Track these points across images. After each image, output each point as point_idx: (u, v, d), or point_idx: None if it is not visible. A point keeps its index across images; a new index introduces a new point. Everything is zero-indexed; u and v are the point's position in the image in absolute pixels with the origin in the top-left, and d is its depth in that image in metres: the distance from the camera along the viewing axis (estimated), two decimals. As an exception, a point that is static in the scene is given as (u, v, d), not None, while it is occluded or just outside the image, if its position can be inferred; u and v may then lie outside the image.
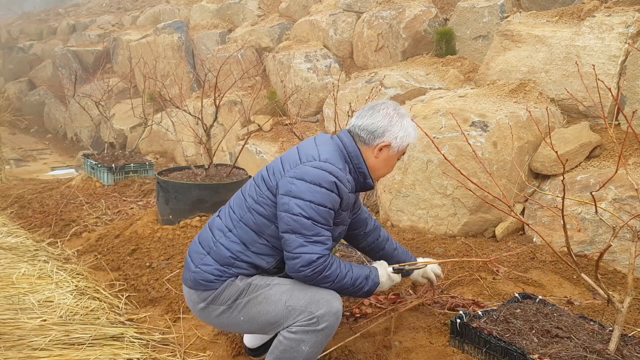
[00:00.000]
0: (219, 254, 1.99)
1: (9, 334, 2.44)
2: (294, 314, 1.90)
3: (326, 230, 1.89)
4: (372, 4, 6.24)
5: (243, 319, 1.97)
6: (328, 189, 1.87)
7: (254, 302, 1.95)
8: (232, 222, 2.03)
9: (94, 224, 4.32)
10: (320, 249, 1.86)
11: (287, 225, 1.87)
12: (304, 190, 1.86)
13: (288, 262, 1.90)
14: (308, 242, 1.85)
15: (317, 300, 1.90)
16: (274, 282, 1.97)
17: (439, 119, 3.63)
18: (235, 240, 1.99)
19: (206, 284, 1.98)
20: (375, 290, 2.02)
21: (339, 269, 1.92)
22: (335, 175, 1.89)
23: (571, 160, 3.41)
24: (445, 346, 2.23)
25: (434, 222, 3.58)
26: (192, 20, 9.19)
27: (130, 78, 8.29)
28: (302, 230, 1.85)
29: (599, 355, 1.90)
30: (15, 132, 10.19)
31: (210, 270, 1.98)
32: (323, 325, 1.88)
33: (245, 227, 1.99)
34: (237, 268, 1.98)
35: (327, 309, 1.89)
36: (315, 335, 1.89)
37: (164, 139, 7.04)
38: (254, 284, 1.97)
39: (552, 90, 3.98)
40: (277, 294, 1.94)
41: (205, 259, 2.01)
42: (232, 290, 1.96)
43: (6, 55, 12.80)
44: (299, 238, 1.86)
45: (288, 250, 1.89)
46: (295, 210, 1.85)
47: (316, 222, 1.86)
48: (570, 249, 1.94)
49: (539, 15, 4.47)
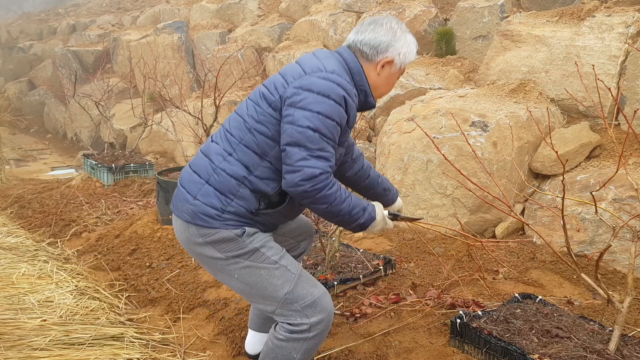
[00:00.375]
0: (220, 181, 1.83)
1: (9, 334, 2.44)
2: (288, 308, 1.83)
3: (331, 147, 1.76)
4: (372, 4, 6.24)
5: (237, 278, 1.86)
6: (337, 102, 1.75)
7: (255, 272, 1.84)
8: (232, 145, 1.86)
9: (94, 224, 4.32)
10: (324, 164, 1.73)
11: (291, 137, 1.73)
12: (311, 101, 1.73)
13: (287, 176, 1.74)
14: (311, 155, 1.72)
15: (316, 303, 1.84)
16: (282, 262, 1.86)
17: (439, 119, 3.63)
18: (238, 164, 1.83)
19: (206, 220, 1.82)
20: (369, 226, 1.90)
21: (339, 192, 1.79)
22: (344, 88, 1.77)
23: (571, 160, 3.41)
24: (445, 346, 2.24)
25: (434, 222, 3.58)
26: (192, 20, 9.19)
27: (130, 78, 8.29)
28: (307, 143, 1.71)
29: (599, 355, 1.90)
30: (15, 132, 10.19)
31: (211, 203, 1.82)
32: (314, 333, 1.83)
33: (247, 150, 1.83)
34: (239, 199, 1.83)
35: (322, 316, 1.83)
36: (307, 343, 1.84)
37: (164, 139, 7.04)
38: (262, 253, 1.85)
39: (552, 90, 3.98)
40: (282, 279, 1.83)
41: (205, 189, 1.85)
42: (235, 245, 1.83)
43: (6, 55, 12.81)
44: (303, 151, 1.72)
45: (288, 163, 1.74)
46: (301, 122, 1.72)
47: (323, 135, 1.72)
48: (570, 249, 1.94)
49: (539, 15, 4.47)
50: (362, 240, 3.51)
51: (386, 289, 2.76)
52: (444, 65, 5.06)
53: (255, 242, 1.85)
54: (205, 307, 2.85)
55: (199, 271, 3.24)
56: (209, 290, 3.00)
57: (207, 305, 2.85)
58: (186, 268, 3.31)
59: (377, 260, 2.95)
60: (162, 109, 6.68)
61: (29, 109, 10.82)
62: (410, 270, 2.99)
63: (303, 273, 1.89)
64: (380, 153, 4.00)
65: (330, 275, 2.77)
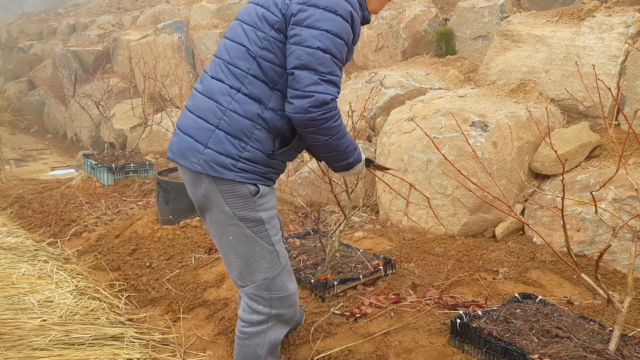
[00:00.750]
0: (232, 124, 1.70)
1: (9, 334, 2.44)
2: (258, 292, 1.81)
3: (340, 69, 1.67)
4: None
5: (230, 240, 1.79)
6: (344, 18, 1.64)
7: (249, 243, 1.78)
8: (239, 78, 1.71)
9: (94, 224, 4.32)
10: (334, 90, 1.65)
11: (299, 59, 1.62)
12: (318, 18, 1.61)
13: (295, 102, 1.64)
14: (323, 80, 1.62)
15: (286, 298, 1.84)
16: (277, 248, 1.82)
17: (439, 119, 3.63)
18: (248, 101, 1.70)
19: (220, 170, 1.71)
20: (353, 167, 1.88)
21: (342, 125, 1.72)
22: (350, 3, 1.67)
23: (571, 160, 3.41)
24: (445, 346, 2.23)
25: (434, 222, 3.58)
26: (192, 20, 9.19)
27: (130, 78, 8.29)
28: (318, 65, 1.61)
29: (599, 355, 1.90)
30: (15, 132, 10.19)
31: (225, 151, 1.71)
32: (272, 324, 1.84)
33: (256, 81, 1.71)
34: (255, 142, 1.72)
35: (284, 312, 1.85)
36: (267, 337, 1.85)
37: (164, 139, 7.04)
38: (265, 228, 1.79)
39: (552, 90, 3.98)
40: (269, 263, 1.80)
41: (215, 135, 1.71)
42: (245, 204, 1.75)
43: (6, 55, 12.81)
44: (313, 75, 1.61)
45: (297, 88, 1.62)
46: (311, 43, 1.61)
47: (333, 56, 1.63)
48: (570, 249, 1.94)
49: (539, 15, 4.47)
50: (362, 240, 3.51)
51: (386, 289, 2.76)
52: (444, 65, 5.06)
53: (263, 211, 1.79)
54: (205, 307, 2.85)
55: (199, 271, 3.24)
56: (209, 290, 3.00)
57: (207, 305, 2.85)
58: (186, 268, 3.31)
59: (377, 260, 2.95)
60: (162, 109, 6.68)
61: (29, 109, 10.82)
62: (410, 270, 2.99)
63: (287, 265, 1.88)
64: (380, 153, 4.00)
65: (330, 275, 2.77)
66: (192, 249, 3.55)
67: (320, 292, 2.71)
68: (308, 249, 3.11)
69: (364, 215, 4.14)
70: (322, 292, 2.69)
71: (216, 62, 1.80)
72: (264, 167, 1.77)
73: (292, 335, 2.42)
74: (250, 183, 1.74)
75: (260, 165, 1.76)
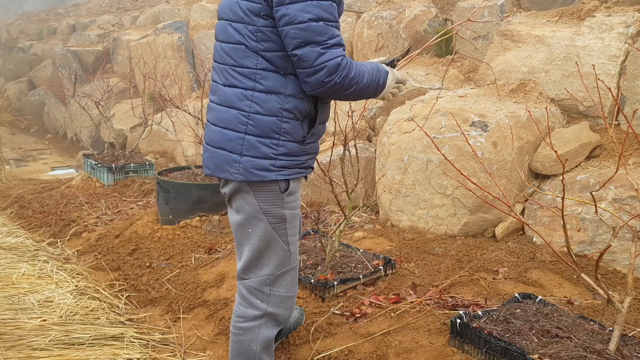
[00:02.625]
0: (260, 127, 1.72)
1: (9, 334, 2.44)
2: (259, 287, 1.84)
3: (337, 30, 1.66)
4: (372, 4, 6.24)
5: (250, 232, 1.81)
6: None
7: (266, 238, 1.80)
8: (250, 77, 1.72)
9: (94, 224, 4.32)
10: (339, 50, 1.65)
11: (296, 38, 1.62)
12: None
13: (309, 80, 1.65)
14: (326, 48, 1.62)
15: (285, 300, 1.86)
16: (291, 248, 1.85)
17: (439, 119, 3.63)
18: (267, 98, 1.71)
19: (260, 174, 1.73)
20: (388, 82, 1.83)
21: (357, 67, 1.71)
22: None
23: (571, 160, 3.41)
24: (445, 346, 2.23)
25: (434, 222, 3.58)
26: (192, 20, 9.19)
27: (130, 78, 8.29)
28: (316, 37, 1.61)
29: (599, 355, 1.90)
30: (15, 132, 10.19)
31: (262, 154, 1.72)
32: (265, 321, 1.86)
33: (267, 73, 1.71)
34: (286, 135, 1.73)
35: (280, 312, 1.87)
36: (261, 333, 1.86)
37: (164, 139, 7.04)
38: (285, 227, 1.81)
39: (552, 90, 3.98)
40: (279, 261, 1.83)
41: (247, 141, 1.72)
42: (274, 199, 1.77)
43: (6, 55, 12.80)
44: (315, 47, 1.61)
45: (307, 66, 1.63)
46: (301, 18, 1.60)
47: (326, 21, 1.62)
48: (570, 249, 1.94)
49: (539, 15, 4.47)
50: (362, 240, 3.51)
51: (386, 289, 2.76)
52: (444, 65, 5.06)
53: (288, 209, 1.81)
54: (205, 307, 2.85)
55: (198, 271, 3.24)
56: (209, 290, 3.00)
57: (207, 305, 2.85)
58: (186, 268, 3.31)
59: (377, 260, 2.95)
60: (162, 109, 6.68)
61: (29, 109, 10.82)
62: (410, 270, 2.99)
63: (295, 268, 1.91)
64: (380, 153, 4.00)
65: (330, 275, 2.77)
66: (192, 249, 3.55)
67: (320, 292, 2.71)
68: (308, 249, 3.11)
69: (364, 215, 4.14)
70: (322, 292, 2.69)
71: (221, 68, 1.80)
72: (301, 156, 1.80)
73: (292, 335, 2.42)
74: (285, 179, 1.77)
75: (298, 156, 1.78)
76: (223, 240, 3.62)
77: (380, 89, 1.83)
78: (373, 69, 1.79)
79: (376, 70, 1.80)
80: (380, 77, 1.81)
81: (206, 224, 3.86)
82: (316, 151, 1.89)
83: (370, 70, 1.77)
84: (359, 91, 1.74)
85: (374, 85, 1.78)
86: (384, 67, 1.86)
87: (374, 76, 1.78)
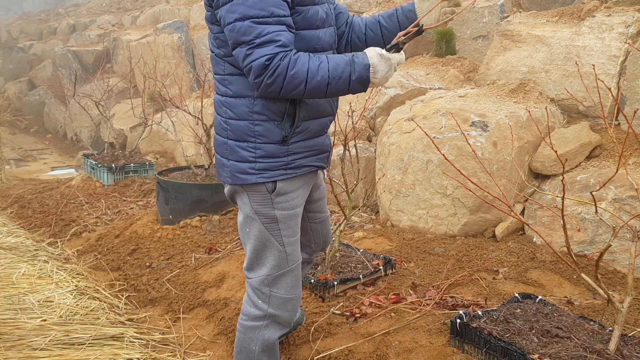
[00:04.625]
0: (235, 131, 1.75)
1: (9, 334, 2.44)
2: (260, 287, 1.85)
3: (272, 26, 1.56)
4: (372, 4, 6.23)
5: (248, 231, 1.84)
6: None
7: (260, 238, 1.82)
8: (221, 83, 1.76)
9: (94, 224, 4.32)
10: (268, 49, 1.54)
11: (230, 40, 1.60)
12: None
13: (251, 81, 1.63)
14: (251, 47, 1.55)
15: (286, 301, 1.86)
16: (288, 250, 1.84)
17: (439, 119, 3.63)
18: (237, 102, 1.72)
19: (242, 177, 1.76)
20: (370, 76, 1.63)
21: (308, 63, 1.58)
22: None
23: (571, 160, 3.41)
24: (445, 346, 2.23)
25: (434, 222, 3.58)
26: (192, 20, 9.19)
27: (130, 78, 8.29)
28: (242, 37, 1.56)
29: (599, 355, 1.90)
30: (15, 132, 10.19)
31: (241, 157, 1.75)
32: (267, 323, 1.86)
33: (233, 78, 1.73)
34: (261, 137, 1.72)
35: (282, 314, 1.87)
36: (262, 334, 1.87)
37: (164, 139, 7.04)
38: (278, 227, 1.81)
39: (552, 90, 3.98)
40: (275, 261, 1.83)
41: (229, 146, 1.77)
42: (263, 200, 1.78)
43: (6, 55, 12.80)
44: (243, 47, 1.56)
45: (242, 68, 1.62)
46: (228, 19, 1.57)
47: (253, 18, 1.54)
48: (570, 249, 1.94)
49: (539, 15, 4.47)
50: (362, 240, 3.51)
51: (386, 289, 2.76)
52: (444, 65, 5.06)
53: (280, 210, 1.80)
54: (205, 307, 2.85)
55: (198, 271, 3.24)
56: (209, 290, 3.00)
57: (207, 305, 2.85)
58: (186, 268, 3.31)
59: (377, 260, 2.95)
60: (162, 109, 6.68)
61: (29, 109, 10.82)
62: (410, 270, 2.99)
63: (296, 270, 1.89)
64: (380, 153, 4.00)
65: (330, 275, 2.77)
66: (192, 249, 3.55)
67: (320, 292, 2.71)
68: (308, 249, 3.11)
69: (364, 215, 4.14)
70: (322, 292, 2.69)
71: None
72: (284, 156, 1.76)
73: (292, 335, 2.42)
74: (270, 181, 1.77)
75: (279, 157, 1.76)
76: (223, 240, 3.62)
77: (358, 85, 1.64)
78: (340, 62, 1.61)
79: (346, 64, 1.62)
80: (354, 71, 1.61)
81: (206, 224, 3.86)
82: (315, 150, 1.84)
83: (334, 63, 1.61)
84: (317, 88, 1.60)
85: (341, 82, 1.61)
86: (369, 57, 1.64)
87: (339, 71, 1.60)
